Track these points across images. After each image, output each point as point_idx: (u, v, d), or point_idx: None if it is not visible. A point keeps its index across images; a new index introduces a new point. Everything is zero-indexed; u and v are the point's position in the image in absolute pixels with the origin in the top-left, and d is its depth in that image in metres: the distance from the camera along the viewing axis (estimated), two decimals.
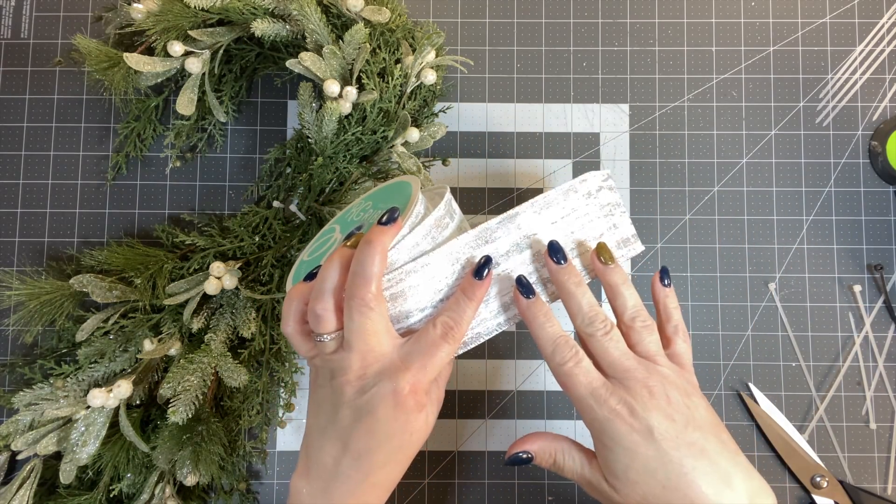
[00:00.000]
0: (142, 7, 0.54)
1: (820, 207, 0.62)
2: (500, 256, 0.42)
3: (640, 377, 0.39)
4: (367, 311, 0.38)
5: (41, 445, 0.51)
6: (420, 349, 0.39)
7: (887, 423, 0.60)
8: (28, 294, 0.54)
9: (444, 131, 0.59)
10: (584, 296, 0.41)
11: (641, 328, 0.41)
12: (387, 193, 0.46)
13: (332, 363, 0.39)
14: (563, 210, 0.43)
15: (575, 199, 0.43)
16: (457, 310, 0.40)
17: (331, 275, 0.39)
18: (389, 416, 0.38)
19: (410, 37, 0.58)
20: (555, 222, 0.43)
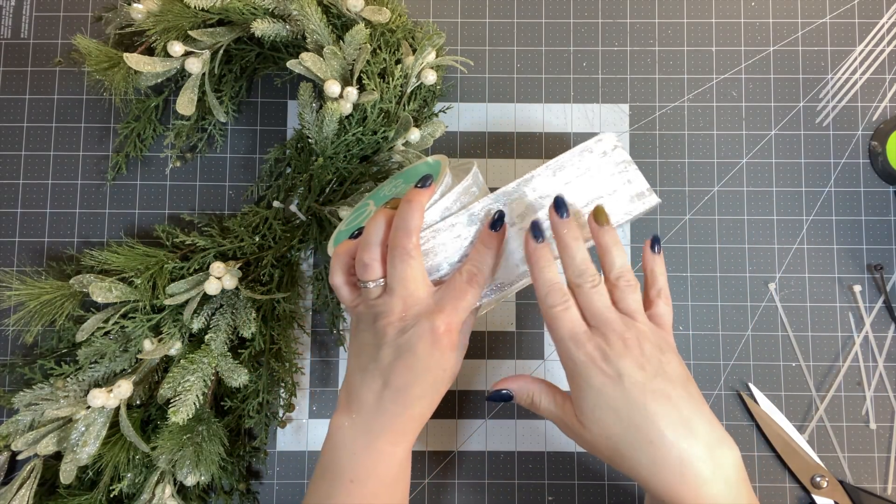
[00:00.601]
0: (142, 7, 0.54)
1: (820, 207, 0.62)
2: (517, 216, 0.47)
3: (617, 329, 0.42)
4: (409, 258, 0.43)
5: (41, 445, 0.51)
6: (451, 294, 0.44)
7: (887, 423, 0.60)
8: (28, 294, 0.54)
9: (443, 129, 0.59)
10: (578, 250, 0.44)
11: (625, 287, 0.44)
12: (417, 171, 0.50)
13: (377, 307, 0.44)
14: (578, 170, 0.48)
15: (590, 159, 0.48)
16: (478, 258, 0.45)
17: (376, 229, 0.44)
18: (427, 352, 0.42)
19: (411, 37, 0.58)
20: (569, 182, 0.47)
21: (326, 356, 0.61)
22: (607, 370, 0.41)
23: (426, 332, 0.42)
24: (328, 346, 0.61)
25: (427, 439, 0.60)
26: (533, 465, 0.60)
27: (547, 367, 0.61)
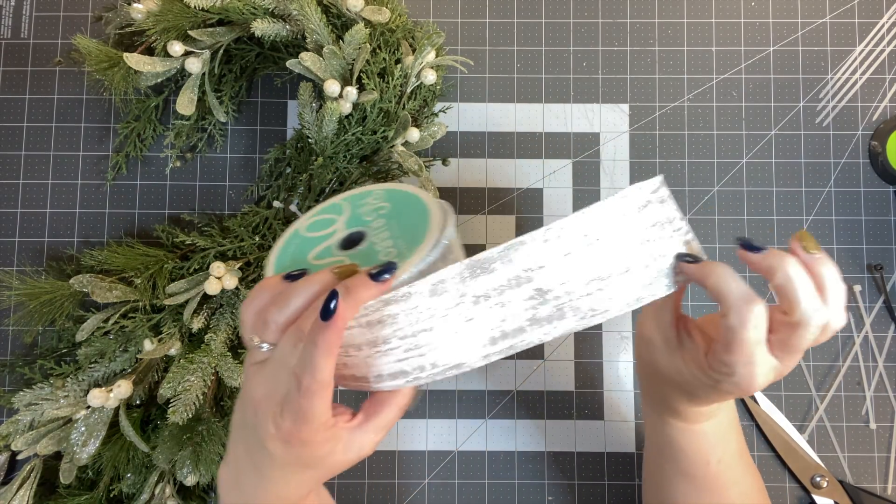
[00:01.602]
0: (142, 7, 0.54)
1: (820, 207, 0.62)
2: (494, 290, 0.38)
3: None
4: (298, 350, 0.36)
5: (41, 445, 0.51)
6: (290, 405, 0.35)
7: (887, 423, 0.60)
8: (28, 294, 0.54)
9: (444, 131, 0.59)
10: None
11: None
12: (406, 213, 0.42)
13: (249, 374, 0.37)
14: (587, 239, 0.37)
15: (609, 219, 0.37)
16: (302, 358, 0.35)
17: (302, 295, 0.37)
18: (279, 452, 0.36)
19: (410, 37, 0.58)
20: (569, 254, 0.37)
21: None
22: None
23: (273, 434, 0.36)
24: None
25: (427, 439, 0.60)
26: (533, 465, 0.60)
27: (547, 367, 0.61)
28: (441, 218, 0.41)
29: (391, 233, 0.41)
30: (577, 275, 0.38)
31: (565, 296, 0.38)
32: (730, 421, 0.46)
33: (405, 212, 0.42)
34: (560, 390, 0.61)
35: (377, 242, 0.41)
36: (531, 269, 0.38)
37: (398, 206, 0.43)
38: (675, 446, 0.45)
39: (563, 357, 0.61)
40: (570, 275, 0.37)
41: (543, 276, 0.38)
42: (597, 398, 0.61)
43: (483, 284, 0.37)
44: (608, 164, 0.63)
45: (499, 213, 0.63)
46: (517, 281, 0.38)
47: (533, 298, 0.38)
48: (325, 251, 0.42)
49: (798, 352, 0.37)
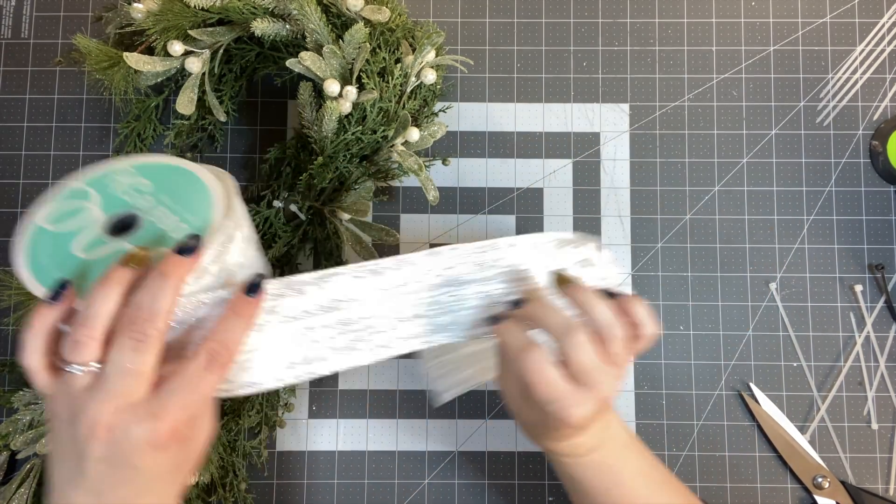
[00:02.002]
0: (142, 7, 0.54)
1: (821, 207, 0.62)
2: (304, 312, 0.40)
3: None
4: (147, 349, 0.34)
5: (41, 445, 0.51)
6: (181, 386, 0.34)
7: (889, 423, 0.60)
8: (28, 294, 0.54)
9: (444, 131, 0.59)
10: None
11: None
12: (171, 181, 0.40)
13: (79, 403, 0.33)
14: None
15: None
16: (225, 332, 0.35)
17: (106, 300, 0.34)
18: (149, 463, 0.34)
19: (410, 36, 0.58)
20: (384, 290, 0.41)
21: None
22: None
23: (143, 443, 0.33)
24: None
25: (427, 439, 0.60)
26: (533, 465, 0.60)
27: None
28: (218, 183, 0.40)
29: (170, 209, 0.39)
30: (381, 311, 0.41)
31: (366, 330, 0.41)
32: (622, 444, 0.46)
33: (173, 185, 0.40)
34: None
35: (159, 221, 0.38)
36: (341, 301, 0.40)
37: (162, 180, 0.40)
38: (574, 479, 0.46)
39: None
40: (375, 311, 0.41)
41: (352, 307, 0.40)
42: None
43: (293, 305, 0.39)
44: (608, 164, 0.63)
45: (499, 213, 0.62)
46: (327, 308, 0.40)
47: (337, 328, 0.40)
48: (95, 241, 0.38)
49: (586, 376, 0.39)
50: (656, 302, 0.61)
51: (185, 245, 0.36)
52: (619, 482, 0.45)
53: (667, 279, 0.62)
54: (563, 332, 0.39)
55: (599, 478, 0.45)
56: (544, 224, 0.62)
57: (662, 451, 0.60)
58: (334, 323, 0.40)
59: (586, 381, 0.38)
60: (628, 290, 0.51)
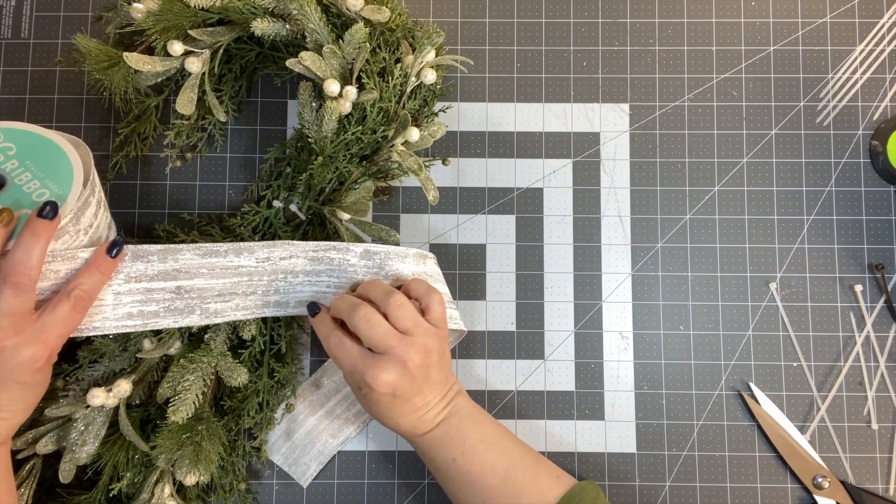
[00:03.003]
0: (142, 7, 0.54)
1: (821, 207, 0.62)
2: (146, 276, 0.48)
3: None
4: (26, 293, 0.43)
5: (40, 445, 0.51)
6: (55, 321, 0.44)
7: (889, 423, 0.60)
8: None
9: (444, 131, 0.59)
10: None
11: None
12: (34, 148, 0.46)
13: None
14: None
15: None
16: (88, 282, 0.45)
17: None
18: (30, 379, 0.44)
19: (410, 36, 0.58)
20: (212, 270, 0.50)
21: (326, 356, 0.61)
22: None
23: (27, 364, 0.43)
24: None
25: None
26: None
27: (548, 367, 0.61)
28: (76, 153, 0.46)
29: (33, 174, 0.45)
30: (216, 285, 0.50)
31: (199, 298, 0.50)
32: (465, 416, 0.51)
33: (37, 152, 0.46)
34: (560, 390, 0.61)
35: (24, 184, 0.45)
36: (179, 271, 0.49)
37: (25, 146, 0.46)
38: (426, 456, 0.52)
39: (563, 357, 0.61)
40: (209, 283, 0.50)
41: (189, 279, 0.49)
42: (597, 398, 0.60)
43: (137, 269, 0.48)
44: (608, 164, 0.63)
45: (499, 212, 0.62)
46: (166, 275, 0.49)
47: (175, 293, 0.49)
48: None
49: (375, 342, 0.47)
50: (656, 302, 0.61)
51: (46, 210, 0.43)
52: (463, 451, 0.49)
53: (667, 279, 0.62)
54: (348, 312, 0.48)
55: (445, 450, 0.50)
56: (544, 224, 0.62)
57: (662, 450, 0.60)
58: (172, 288, 0.49)
59: (378, 348, 0.47)
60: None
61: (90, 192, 0.46)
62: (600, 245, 0.62)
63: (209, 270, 0.50)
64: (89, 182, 0.46)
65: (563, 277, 0.62)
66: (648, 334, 0.61)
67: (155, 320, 0.49)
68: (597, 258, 0.62)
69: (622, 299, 0.62)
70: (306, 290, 0.52)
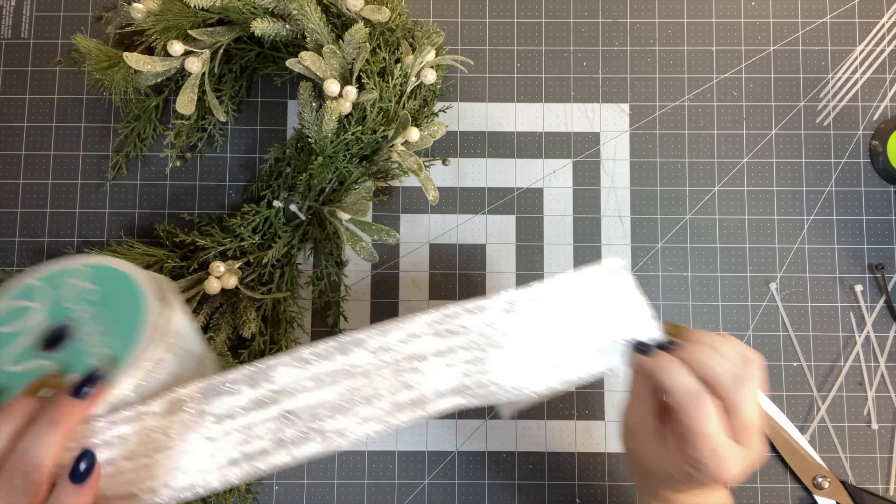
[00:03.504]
0: (142, 7, 0.54)
1: (821, 207, 0.62)
2: (239, 410, 0.37)
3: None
4: (18, 500, 0.31)
5: None
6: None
7: (889, 423, 0.60)
8: None
9: (444, 131, 0.59)
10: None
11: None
12: (117, 298, 0.37)
13: None
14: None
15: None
16: (33, 439, 0.31)
17: (2, 435, 0.32)
18: None
19: (410, 36, 0.58)
20: (319, 380, 0.38)
21: None
22: None
23: None
24: None
25: (427, 439, 0.60)
26: (533, 465, 0.60)
27: None
28: (157, 304, 0.36)
29: (103, 326, 0.35)
30: (329, 397, 0.37)
31: (314, 419, 0.37)
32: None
33: (116, 296, 0.36)
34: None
35: (87, 340, 0.35)
36: (278, 392, 0.37)
37: (108, 288, 0.37)
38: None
39: None
40: (321, 398, 0.37)
41: (293, 398, 0.37)
42: (597, 398, 0.60)
43: (226, 404, 0.36)
44: (608, 164, 0.63)
45: (499, 213, 0.62)
46: (263, 402, 0.37)
47: (283, 419, 0.37)
48: (24, 353, 0.35)
49: (749, 434, 0.36)
50: (656, 302, 0.61)
51: (80, 384, 0.33)
52: None
53: (667, 279, 0.62)
54: (735, 384, 0.36)
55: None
56: (544, 224, 0.62)
57: None
58: (276, 415, 0.37)
59: (748, 438, 0.36)
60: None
61: (165, 346, 0.36)
62: (600, 245, 0.62)
63: (315, 382, 0.38)
64: (156, 345, 0.36)
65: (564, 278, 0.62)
66: None
67: (265, 459, 0.37)
68: (597, 258, 0.62)
69: None
70: (445, 374, 0.39)
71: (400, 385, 0.39)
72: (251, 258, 0.57)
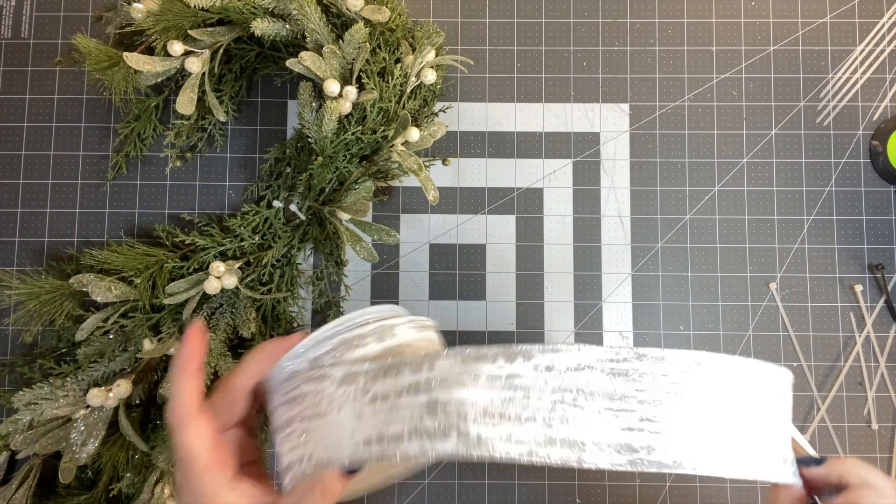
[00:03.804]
0: (142, 7, 0.54)
1: (821, 207, 0.62)
2: (394, 392, 0.36)
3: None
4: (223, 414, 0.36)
5: (40, 445, 0.51)
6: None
7: (889, 423, 0.60)
8: (28, 294, 0.54)
9: (444, 130, 0.59)
10: None
11: None
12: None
13: None
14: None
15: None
16: (236, 367, 0.37)
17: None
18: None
19: (410, 36, 0.58)
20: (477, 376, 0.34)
21: None
22: None
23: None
24: None
25: None
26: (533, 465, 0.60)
27: None
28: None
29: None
30: (477, 399, 0.35)
31: (457, 417, 0.35)
32: None
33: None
34: None
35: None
36: (433, 381, 0.35)
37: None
38: None
39: None
40: (469, 396, 0.35)
41: (443, 390, 0.35)
42: None
43: (388, 385, 0.35)
44: (608, 164, 0.63)
45: (499, 213, 0.62)
46: (416, 389, 0.35)
47: (425, 408, 0.35)
48: None
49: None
50: (656, 302, 0.61)
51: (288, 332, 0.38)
52: None
53: (667, 279, 0.62)
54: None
55: None
56: (544, 224, 0.62)
57: None
58: (423, 403, 0.35)
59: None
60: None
61: (358, 335, 0.38)
62: (600, 245, 0.62)
63: (472, 378, 0.35)
64: (345, 325, 0.38)
65: (563, 277, 0.62)
66: (648, 334, 0.61)
67: (398, 446, 0.36)
68: (597, 258, 0.62)
69: (622, 299, 0.62)
70: (607, 424, 0.34)
71: (557, 418, 0.34)
72: (251, 258, 0.57)
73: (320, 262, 0.61)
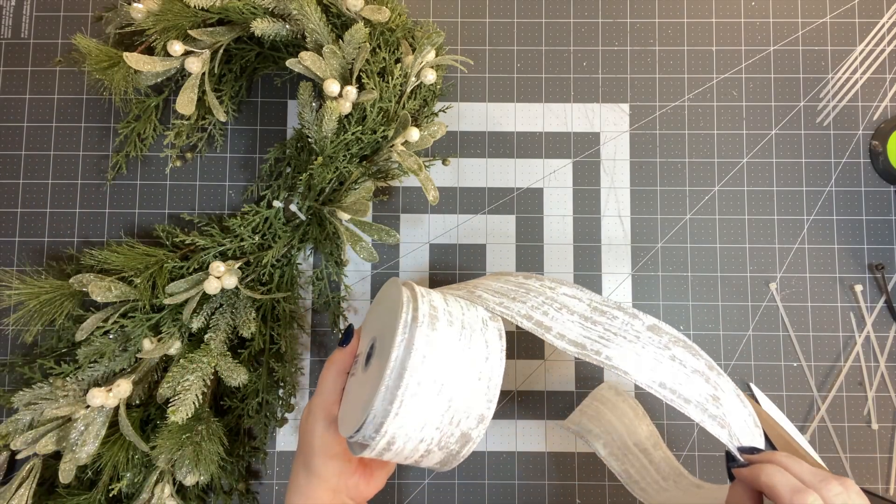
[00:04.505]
0: (142, 7, 0.54)
1: (821, 207, 0.62)
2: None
3: None
4: (308, 417, 0.47)
5: (40, 445, 0.51)
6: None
7: (889, 423, 0.60)
8: (28, 294, 0.54)
9: (444, 130, 0.59)
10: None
11: None
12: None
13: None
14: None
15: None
16: (321, 377, 0.48)
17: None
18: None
19: (410, 36, 0.58)
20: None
21: (326, 356, 0.61)
22: None
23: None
24: (328, 347, 0.61)
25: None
26: (533, 465, 0.60)
27: (547, 367, 0.61)
28: (404, 300, 0.44)
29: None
30: (494, 286, 0.48)
31: (479, 299, 0.47)
32: None
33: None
34: (560, 390, 0.61)
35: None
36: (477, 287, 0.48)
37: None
38: None
39: (563, 357, 0.61)
40: (491, 286, 0.48)
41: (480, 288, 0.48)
42: None
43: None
44: (608, 164, 0.63)
45: (499, 213, 0.62)
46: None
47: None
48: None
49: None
50: (656, 302, 0.61)
51: (344, 340, 0.50)
52: None
53: (667, 279, 0.62)
54: (792, 492, 0.38)
55: None
56: (544, 224, 0.62)
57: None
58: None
59: None
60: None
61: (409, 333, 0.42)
62: (600, 245, 0.62)
63: (503, 281, 0.48)
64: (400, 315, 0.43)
65: (564, 277, 0.62)
66: None
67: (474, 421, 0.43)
68: (597, 258, 0.62)
69: (622, 299, 0.62)
70: (575, 330, 0.44)
71: (541, 311, 0.45)
72: (251, 258, 0.57)
73: (320, 262, 0.61)
